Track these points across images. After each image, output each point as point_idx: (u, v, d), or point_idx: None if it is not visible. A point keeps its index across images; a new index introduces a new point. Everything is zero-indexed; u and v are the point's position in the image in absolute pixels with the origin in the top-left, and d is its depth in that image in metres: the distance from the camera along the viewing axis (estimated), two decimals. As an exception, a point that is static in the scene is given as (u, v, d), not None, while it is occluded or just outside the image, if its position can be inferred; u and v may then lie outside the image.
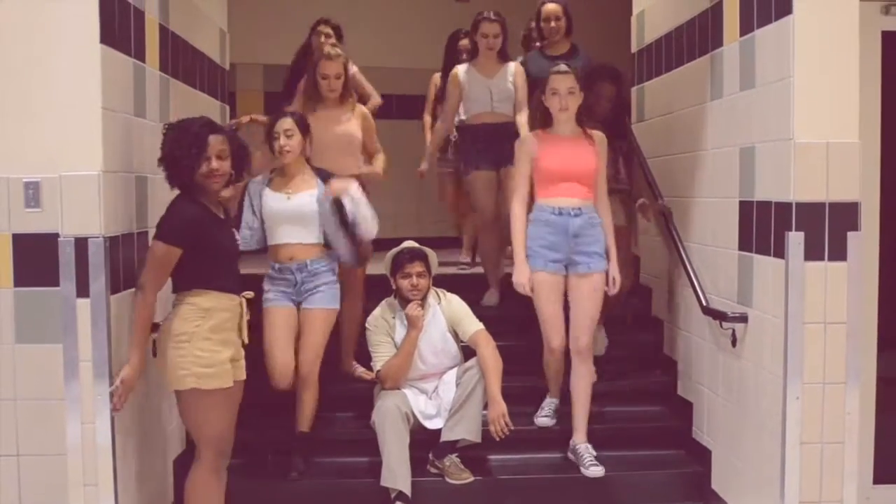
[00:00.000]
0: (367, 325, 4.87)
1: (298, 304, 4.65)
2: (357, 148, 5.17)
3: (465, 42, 6.32)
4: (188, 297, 3.77)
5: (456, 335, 4.85)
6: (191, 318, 3.74)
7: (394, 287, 4.87)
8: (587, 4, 8.83)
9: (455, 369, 4.80)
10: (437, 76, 6.74)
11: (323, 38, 5.96)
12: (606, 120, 5.13)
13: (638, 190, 5.40)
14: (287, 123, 4.64)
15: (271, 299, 4.64)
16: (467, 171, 5.73)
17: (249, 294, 4.03)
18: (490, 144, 5.53)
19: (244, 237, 4.56)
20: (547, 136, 4.68)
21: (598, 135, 4.71)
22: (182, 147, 3.76)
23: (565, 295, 4.68)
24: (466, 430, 4.62)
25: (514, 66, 5.63)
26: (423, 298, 4.79)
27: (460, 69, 5.65)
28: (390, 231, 5.52)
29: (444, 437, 4.65)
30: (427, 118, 6.78)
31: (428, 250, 4.92)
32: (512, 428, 4.58)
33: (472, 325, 4.82)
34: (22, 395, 3.74)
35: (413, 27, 9.07)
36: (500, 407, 4.57)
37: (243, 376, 3.95)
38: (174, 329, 3.75)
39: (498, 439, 4.58)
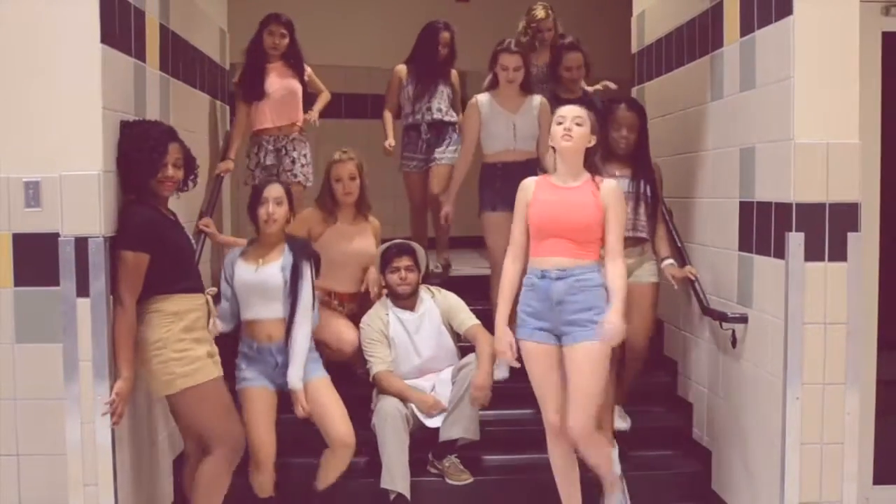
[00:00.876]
0: (361, 324, 4.87)
1: (278, 387, 4.39)
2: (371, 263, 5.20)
3: (446, 35, 6.18)
4: (152, 304, 3.78)
5: (452, 331, 4.86)
6: (161, 323, 3.76)
7: (384, 284, 4.90)
8: (587, 5, 8.86)
9: (452, 367, 4.80)
10: (401, 68, 6.27)
11: (278, 39, 5.70)
12: (627, 155, 4.72)
13: (657, 245, 4.86)
14: (277, 190, 4.42)
15: (249, 378, 4.34)
16: (482, 211, 5.35)
17: (213, 290, 4.07)
18: (509, 183, 4.90)
19: (222, 309, 4.37)
20: (546, 184, 4.07)
21: (609, 185, 4.00)
22: (143, 151, 3.78)
23: None
24: (464, 429, 4.61)
25: (538, 100, 5.30)
26: (414, 293, 4.82)
27: (481, 99, 5.28)
28: (388, 232, 5.52)
29: (443, 437, 4.64)
30: (387, 114, 6.30)
31: (416, 245, 4.95)
32: (489, 399, 4.60)
33: (469, 319, 4.84)
34: (22, 394, 3.75)
35: (412, 28, 9.06)
36: (487, 378, 4.59)
37: (221, 373, 3.95)
38: (147, 338, 3.76)
39: (472, 404, 4.59)
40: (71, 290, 3.65)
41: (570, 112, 4.01)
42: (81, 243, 3.64)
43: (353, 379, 5.16)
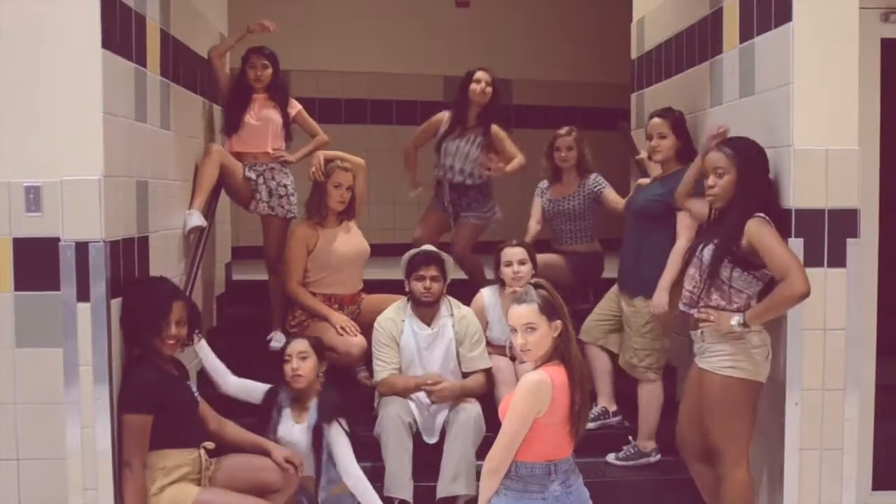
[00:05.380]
0: (375, 324, 4.83)
1: None
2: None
3: (481, 76, 5.72)
4: (147, 460, 3.82)
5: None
6: (152, 479, 3.80)
7: (408, 289, 4.84)
8: (587, 11, 8.89)
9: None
10: (445, 115, 5.88)
11: (260, 71, 5.46)
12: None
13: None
14: (301, 345, 4.28)
15: None
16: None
17: (210, 445, 3.99)
18: None
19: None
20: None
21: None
22: (146, 310, 3.83)
23: None
24: (466, 485, 4.44)
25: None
26: (436, 303, 4.77)
27: (486, 294, 5.08)
28: (389, 238, 5.54)
29: (441, 494, 4.46)
30: (411, 151, 6.03)
31: (445, 255, 4.87)
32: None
33: (481, 361, 4.77)
34: (22, 398, 3.75)
35: (413, 33, 9.09)
36: (449, 394, 4.62)
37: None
38: None
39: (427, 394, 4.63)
40: (71, 295, 3.65)
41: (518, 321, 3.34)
42: (82, 248, 3.64)
43: (356, 381, 5.17)
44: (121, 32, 3.88)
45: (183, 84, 4.94)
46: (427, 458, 4.66)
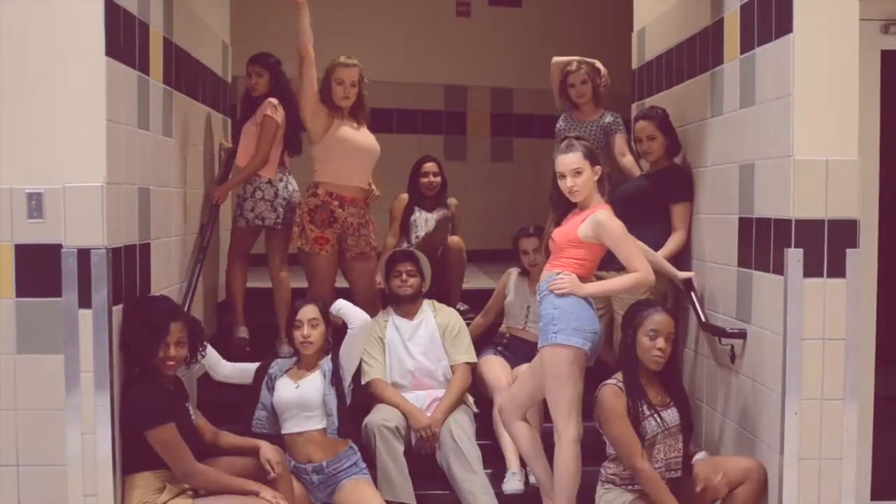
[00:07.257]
0: None
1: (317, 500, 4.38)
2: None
3: (429, 166, 6.08)
4: (138, 479, 3.83)
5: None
6: (149, 501, 3.81)
7: (387, 292, 5.05)
8: (588, 21, 8.91)
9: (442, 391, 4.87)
10: (404, 197, 6.12)
11: (254, 78, 5.48)
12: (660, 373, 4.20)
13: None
14: (311, 312, 4.35)
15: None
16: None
17: None
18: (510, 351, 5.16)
19: (259, 418, 4.37)
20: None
21: (598, 215, 4.04)
22: (145, 332, 3.84)
23: None
24: (484, 488, 4.56)
25: None
26: (415, 299, 4.97)
27: (513, 275, 5.34)
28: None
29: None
30: (390, 240, 6.03)
31: (419, 254, 5.11)
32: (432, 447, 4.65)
33: (465, 354, 4.93)
34: (22, 405, 3.75)
35: (414, 42, 9.11)
36: (437, 423, 4.65)
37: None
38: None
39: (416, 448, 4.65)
40: (73, 302, 3.66)
41: (567, 167, 4.12)
42: (84, 255, 3.65)
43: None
44: (124, 40, 3.89)
45: (185, 92, 4.96)
46: (416, 467, 4.65)
